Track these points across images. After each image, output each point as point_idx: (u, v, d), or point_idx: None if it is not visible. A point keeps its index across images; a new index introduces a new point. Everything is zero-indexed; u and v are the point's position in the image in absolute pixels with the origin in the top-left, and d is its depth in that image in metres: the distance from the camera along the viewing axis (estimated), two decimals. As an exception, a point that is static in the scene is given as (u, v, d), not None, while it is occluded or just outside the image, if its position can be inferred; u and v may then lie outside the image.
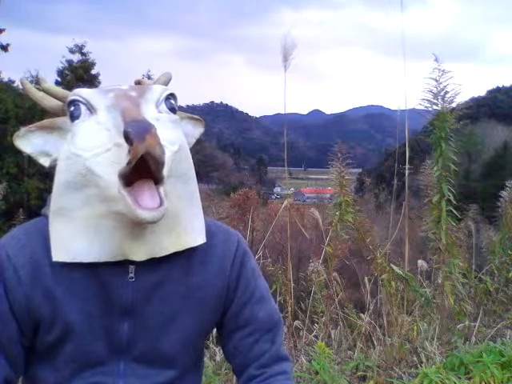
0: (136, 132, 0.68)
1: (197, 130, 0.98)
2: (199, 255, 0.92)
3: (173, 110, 0.86)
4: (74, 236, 0.82)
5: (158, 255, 0.85)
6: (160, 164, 0.72)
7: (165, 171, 0.75)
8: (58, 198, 0.83)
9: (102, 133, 0.77)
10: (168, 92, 0.86)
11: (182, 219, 0.86)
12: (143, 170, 0.72)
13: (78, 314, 0.84)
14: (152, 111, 0.81)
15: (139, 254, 0.83)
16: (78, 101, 0.82)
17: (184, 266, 0.90)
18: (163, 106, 0.84)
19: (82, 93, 0.82)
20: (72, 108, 0.82)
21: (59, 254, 0.82)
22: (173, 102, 0.86)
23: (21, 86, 0.99)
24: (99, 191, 0.77)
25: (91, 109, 0.81)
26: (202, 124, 0.99)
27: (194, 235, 0.89)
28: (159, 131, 0.75)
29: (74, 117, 0.82)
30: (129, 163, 0.70)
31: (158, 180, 0.75)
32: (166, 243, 0.85)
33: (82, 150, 0.77)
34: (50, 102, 0.92)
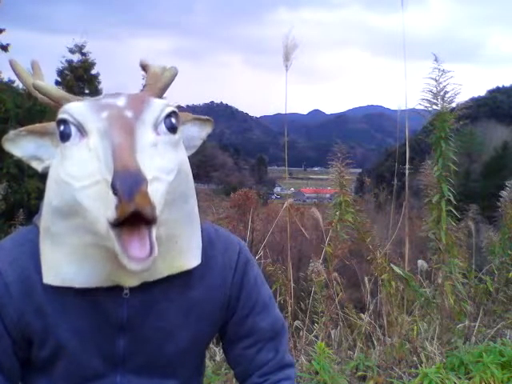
0: (125, 189, 0.62)
1: (204, 132, 0.93)
2: (198, 269, 0.88)
3: (173, 129, 0.78)
4: (63, 261, 0.78)
5: (151, 279, 0.81)
6: (151, 220, 0.66)
7: (158, 212, 0.68)
8: (47, 219, 0.79)
9: (93, 162, 0.70)
10: (168, 110, 0.78)
11: (178, 241, 0.82)
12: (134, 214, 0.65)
13: (69, 332, 0.82)
14: (149, 136, 0.74)
15: (131, 280, 0.79)
16: (69, 121, 0.75)
17: (182, 281, 0.87)
18: (162, 127, 0.77)
19: (73, 112, 0.74)
20: (62, 127, 0.75)
21: (49, 277, 0.80)
22: (173, 120, 0.79)
23: (15, 76, 0.91)
24: (87, 223, 0.72)
25: (82, 131, 0.74)
26: (210, 124, 0.93)
27: (190, 257, 0.85)
28: (156, 159, 0.71)
29: (63, 137, 0.75)
30: (116, 219, 0.64)
31: (150, 222, 0.68)
32: (161, 267, 0.81)
33: (71, 178, 0.72)
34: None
